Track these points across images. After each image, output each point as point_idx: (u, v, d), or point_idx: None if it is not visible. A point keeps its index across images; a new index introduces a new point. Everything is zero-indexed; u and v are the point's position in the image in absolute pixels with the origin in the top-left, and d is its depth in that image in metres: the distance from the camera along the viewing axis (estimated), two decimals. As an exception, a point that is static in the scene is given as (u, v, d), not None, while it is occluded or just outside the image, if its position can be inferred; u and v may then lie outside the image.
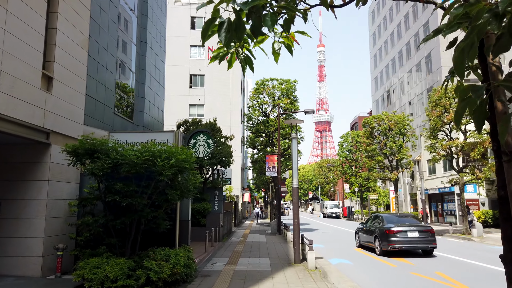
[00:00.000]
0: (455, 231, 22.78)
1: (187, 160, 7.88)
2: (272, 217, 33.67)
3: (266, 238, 19.38)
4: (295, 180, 11.16)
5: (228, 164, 18.38)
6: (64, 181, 9.08)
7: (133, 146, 7.91)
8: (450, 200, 29.60)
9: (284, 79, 24.78)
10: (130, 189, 7.42)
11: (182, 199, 8.85)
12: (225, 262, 11.40)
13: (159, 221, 8.11)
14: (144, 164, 7.35)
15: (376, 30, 60.05)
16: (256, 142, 26.40)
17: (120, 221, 7.67)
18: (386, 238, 13.00)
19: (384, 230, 13.20)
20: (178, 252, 7.98)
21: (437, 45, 39.57)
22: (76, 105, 9.65)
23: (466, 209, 28.70)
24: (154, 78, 17.77)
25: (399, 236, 12.89)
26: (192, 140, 9.73)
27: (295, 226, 11.06)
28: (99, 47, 12.48)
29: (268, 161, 22.18)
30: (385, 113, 33.55)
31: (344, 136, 44.62)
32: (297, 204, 11.23)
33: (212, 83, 39.47)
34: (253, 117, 25.49)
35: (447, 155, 21.72)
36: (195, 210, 17.44)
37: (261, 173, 26.71)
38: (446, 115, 21.20)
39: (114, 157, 7.31)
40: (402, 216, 15.26)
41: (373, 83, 61.14)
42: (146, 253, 7.83)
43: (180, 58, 39.45)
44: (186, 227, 9.82)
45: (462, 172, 21.30)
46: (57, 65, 8.78)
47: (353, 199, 51.52)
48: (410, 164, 32.06)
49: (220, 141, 18.58)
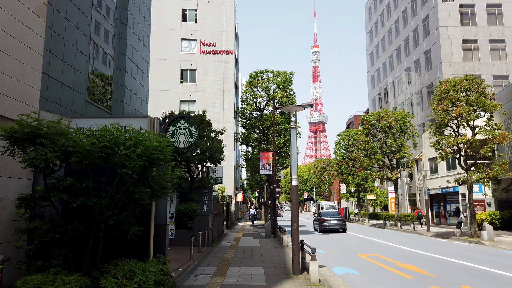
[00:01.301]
0: (463, 234, 21.30)
1: (159, 149, 6.20)
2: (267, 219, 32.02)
3: (260, 242, 17.73)
4: (294, 176, 9.52)
5: (218, 161, 16.69)
6: (9, 176, 7.35)
7: (92, 131, 6.21)
8: (454, 200, 28.18)
9: (280, 71, 23.12)
10: (83, 185, 5.72)
11: (155, 199, 7.16)
12: (211, 273, 9.72)
13: (124, 226, 6.41)
14: (101, 153, 5.66)
15: (373, 27, 58.78)
16: (249, 138, 24.70)
17: (72, 227, 5.97)
18: (321, 223, 24.69)
19: (320, 219, 25.09)
20: (148, 265, 6.30)
21: (437, 40, 38.29)
22: (29, 84, 7.91)
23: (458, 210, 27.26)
24: (136, 65, 16.03)
25: (327, 222, 24.46)
26: (170, 127, 8.04)
27: (294, 231, 9.41)
28: (67, 22, 10.73)
29: (263, 158, 20.51)
30: (385, 109, 32.09)
31: (341, 135, 43.12)
32: (297, 204, 9.58)
33: (204, 79, 37.74)
34: (247, 111, 23.78)
35: (454, 152, 20.23)
36: (182, 211, 15.76)
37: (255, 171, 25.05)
38: (454, 109, 19.72)
39: (62, 143, 5.61)
40: (330, 213, 26.45)
41: (370, 82, 59.86)
42: (108, 267, 6.14)
43: (171, 52, 37.68)
44: (162, 233, 8.13)
45: (471, 171, 19.82)
46: (0, 31, 7.04)
47: (349, 199, 50.05)
48: (411, 163, 30.60)
49: (210, 136, 16.91)
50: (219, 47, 38.11)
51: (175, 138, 8.04)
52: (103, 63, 13.60)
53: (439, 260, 12.77)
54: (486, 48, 37.65)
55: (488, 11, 38.32)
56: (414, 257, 13.42)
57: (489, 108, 19.12)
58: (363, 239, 20.70)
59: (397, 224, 29.80)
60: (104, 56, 13.69)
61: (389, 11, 52.33)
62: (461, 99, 19.71)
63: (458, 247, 16.76)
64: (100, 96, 13.35)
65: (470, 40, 37.88)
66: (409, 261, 12.39)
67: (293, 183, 9.53)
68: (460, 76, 21.60)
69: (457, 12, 38.11)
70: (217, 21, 38.54)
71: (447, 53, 37.55)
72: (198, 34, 38.30)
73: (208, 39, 38.19)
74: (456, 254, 14.14)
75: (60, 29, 10.42)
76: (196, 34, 38.30)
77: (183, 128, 8.09)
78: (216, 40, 38.20)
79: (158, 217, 8.16)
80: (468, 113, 19.09)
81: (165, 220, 8.20)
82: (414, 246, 16.77)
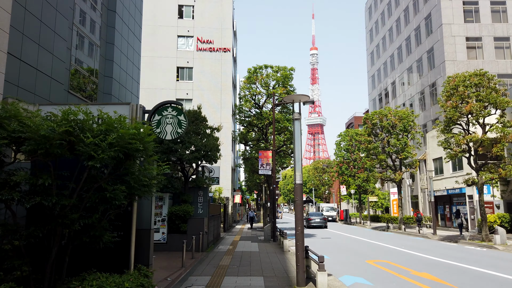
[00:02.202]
0: (472, 237, 20.21)
1: (138, 138, 5.07)
2: (266, 221, 30.86)
3: (259, 247, 16.58)
4: (298, 174, 8.40)
5: (214, 160, 15.55)
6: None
7: (55, 116, 5.07)
8: (460, 202, 27.09)
9: (279, 66, 21.98)
10: (39, 182, 4.57)
11: (135, 199, 6.03)
12: (204, 283, 8.57)
13: (95, 232, 5.27)
14: (62, 140, 4.53)
15: (373, 27, 57.88)
16: (248, 137, 23.53)
17: (27, 233, 4.82)
18: (308, 221, 32.23)
19: (308, 218, 32.65)
20: (124, 279, 5.16)
21: (440, 38, 37.34)
22: (-11, 65, 6.78)
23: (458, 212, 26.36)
24: (125, 56, 14.90)
25: (312, 221, 32.17)
26: (156, 116, 6.91)
27: (299, 236, 8.28)
28: (44, 1, 9.61)
29: (262, 158, 19.37)
30: (388, 108, 31.01)
31: (341, 135, 42.02)
32: (301, 206, 8.45)
33: (201, 77, 36.61)
34: (245, 109, 22.64)
35: (464, 151, 19.15)
36: (174, 214, 14.60)
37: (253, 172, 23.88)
38: (464, 105, 18.66)
39: (12, 128, 4.47)
40: (315, 214, 34.68)
41: (370, 82, 58.90)
42: (72, 282, 5.00)
43: (167, 49, 36.54)
44: (146, 239, 6.98)
45: (482, 171, 18.74)
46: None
47: (350, 201, 48.93)
48: (416, 163, 29.52)
49: (206, 133, 15.78)
50: (216, 44, 37.01)
51: (161, 128, 6.91)
52: (88, 51, 12.47)
53: (454, 267, 11.67)
54: (490, 47, 36.73)
55: (492, 8, 37.41)
56: (426, 263, 12.31)
57: (501, 105, 18.08)
58: (368, 243, 19.58)
59: (401, 227, 28.69)
60: (89, 44, 12.55)
61: (390, 10, 51.42)
62: (471, 95, 18.67)
63: (470, 252, 15.66)
64: (84, 87, 12.20)
65: (474, 38, 36.97)
66: (422, 268, 11.27)
67: (297, 181, 8.40)
68: (468, 72, 20.57)
69: (460, 10, 37.19)
70: (214, 18, 37.46)
71: (451, 51, 36.60)
72: (195, 31, 37.20)
73: (205, 36, 37.09)
74: (471, 260, 13.03)
75: (35, 9, 9.28)
76: (193, 31, 37.21)
77: (170, 117, 6.96)
78: (213, 37, 37.10)
79: (142, 220, 7.03)
80: (479, 109, 18.04)
81: (149, 223, 7.05)
82: (423, 251, 15.65)
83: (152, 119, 7.02)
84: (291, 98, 8.68)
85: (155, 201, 15.25)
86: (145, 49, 34.81)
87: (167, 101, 7.06)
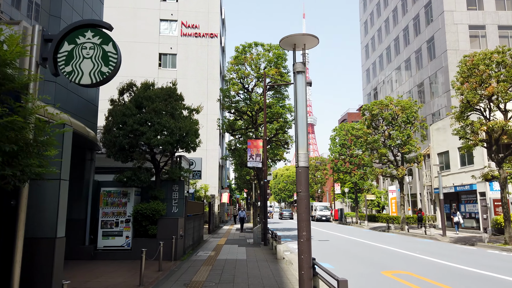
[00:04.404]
0: (491, 240, 17.70)
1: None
2: (256, 222, 28.04)
3: (247, 253, 13.75)
4: (303, 152, 5.59)
5: (192, 147, 12.63)
6: None
7: None
8: (470, 200, 24.65)
9: (272, 45, 19.16)
10: None
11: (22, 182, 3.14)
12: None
13: None
14: None
15: (368, 18, 55.57)
16: (235, 125, 20.62)
17: None
18: (281, 214, 54.18)
19: (280, 213, 55.49)
20: None
21: (441, 26, 35.05)
22: None
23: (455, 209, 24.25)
24: None
25: (283, 214, 53.08)
26: (65, 45, 3.99)
27: (304, 244, 5.44)
28: None
29: (251, 147, 16.53)
30: (389, 97, 28.47)
31: (336, 129, 39.42)
32: (307, 200, 5.64)
33: (186, 65, 33.58)
34: (232, 93, 19.75)
35: (484, 141, 16.62)
36: (140, 213, 11.67)
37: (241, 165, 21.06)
38: (485, 86, 16.11)
39: None
40: (286, 210, 55.40)
41: (365, 76, 56.62)
42: None
43: (148, 34, 33.42)
44: (49, 254, 4.08)
45: (505, 162, 16.23)
46: None
47: (345, 200, 46.38)
48: (420, 157, 27.03)
49: (182, 114, 12.85)
50: (202, 29, 34.03)
51: (73, 65, 4.03)
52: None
53: (491, 279, 9.05)
54: (494, 35, 34.60)
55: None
56: (461, 276, 9.65)
57: (528, 86, 15.61)
58: (373, 246, 16.92)
59: (403, 228, 26.17)
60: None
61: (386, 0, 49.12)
62: (493, 75, 16.14)
63: (499, 258, 13.10)
64: (24, 8, 9.14)
65: (477, 26, 34.80)
66: (460, 283, 8.60)
67: (301, 163, 5.59)
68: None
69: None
70: (200, 0, 34.49)
71: (453, 40, 34.34)
72: (179, 14, 34.15)
73: (190, 21, 34.07)
74: (504, 268, 10.47)
75: None
76: (176, 14, 34.16)
77: (90, 46, 4.09)
78: (199, 22, 34.11)
79: (41, 223, 4.12)
80: (504, 91, 15.51)
81: (55, 229, 4.14)
82: (444, 258, 13.03)
83: (59, 51, 4.11)
84: (292, 42, 5.86)
85: (118, 197, 12.30)
86: (124, 34, 31.69)
87: (84, 20, 4.16)
